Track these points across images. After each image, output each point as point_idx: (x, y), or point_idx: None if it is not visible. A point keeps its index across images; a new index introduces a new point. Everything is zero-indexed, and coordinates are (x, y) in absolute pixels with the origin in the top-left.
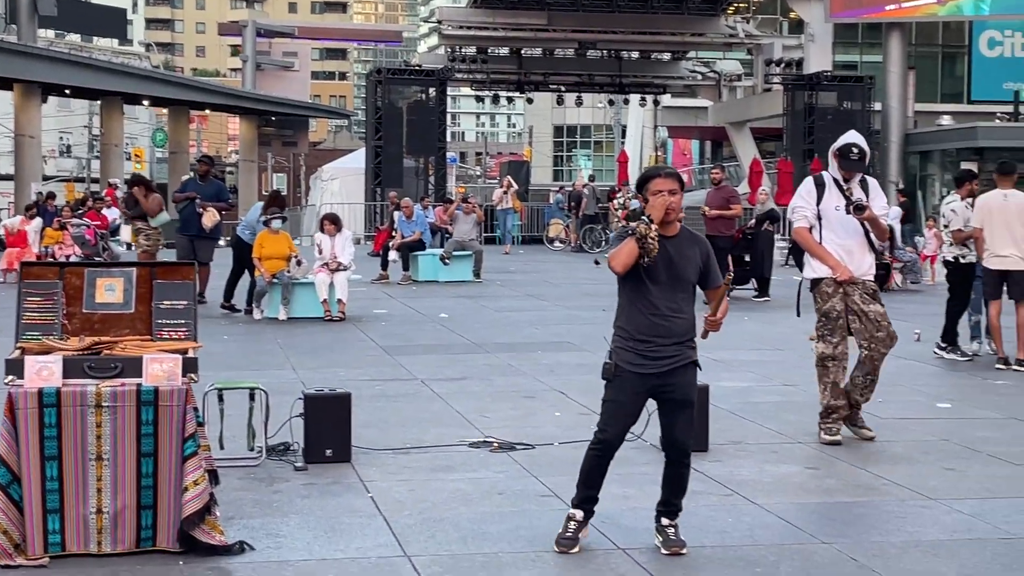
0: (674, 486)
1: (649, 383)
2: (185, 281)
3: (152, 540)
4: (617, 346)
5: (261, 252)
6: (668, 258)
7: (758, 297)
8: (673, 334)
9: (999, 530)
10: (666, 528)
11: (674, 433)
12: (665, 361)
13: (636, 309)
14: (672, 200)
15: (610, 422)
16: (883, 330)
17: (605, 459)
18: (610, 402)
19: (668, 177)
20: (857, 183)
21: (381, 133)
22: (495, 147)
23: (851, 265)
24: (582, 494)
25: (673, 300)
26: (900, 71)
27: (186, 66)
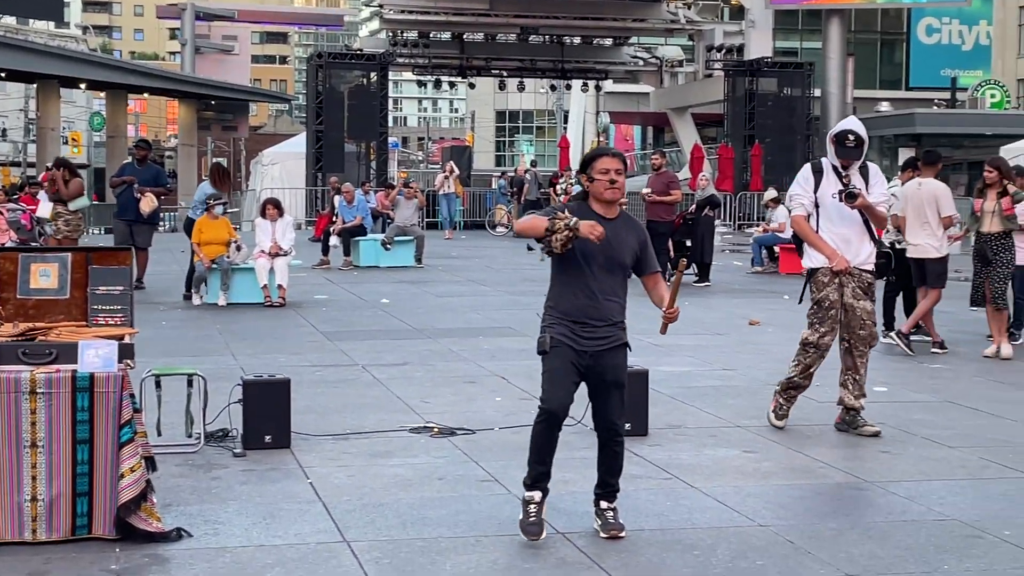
0: (609, 466)
1: (583, 360)
2: (122, 266)
3: (88, 528)
4: (550, 323)
5: (200, 237)
6: (606, 241)
7: (699, 283)
8: (606, 316)
9: (932, 512)
10: (605, 512)
11: (607, 415)
12: (598, 342)
13: (571, 291)
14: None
15: (552, 390)
16: (865, 328)
17: (553, 430)
18: (548, 371)
19: (615, 157)
20: (856, 170)
21: (322, 118)
22: (437, 132)
23: (848, 254)
24: (535, 471)
25: (607, 283)
26: (839, 58)
27: (124, 49)
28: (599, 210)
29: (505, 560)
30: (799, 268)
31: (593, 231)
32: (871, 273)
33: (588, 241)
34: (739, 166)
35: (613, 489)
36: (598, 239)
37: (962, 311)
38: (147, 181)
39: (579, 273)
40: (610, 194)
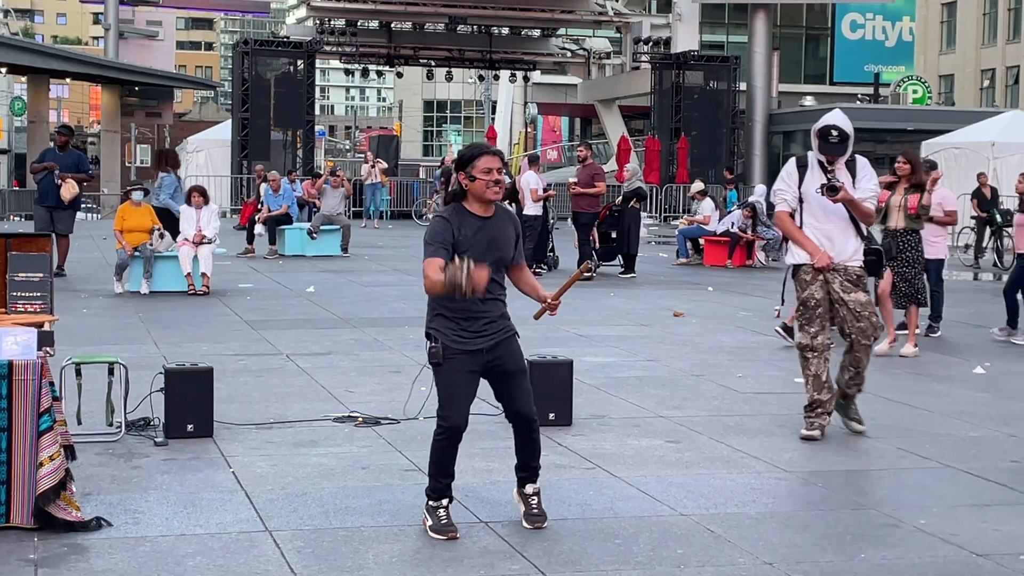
0: (527, 451)
1: (480, 360)
2: (41, 253)
3: (6, 517)
4: (439, 327)
5: (123, 225)
6: (490, 239)
7: (624, 274)
8: (492, 311)
9: (851, 501)
10: (530, 498)
11: (517, 403)
12: (490, 337)
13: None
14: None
15: (451, 406)
16: (863, 320)
17: (454, 444)
18: (446, 386)
19: (495, 155)
20: (843, 164)
21: (248, 105)
22: (365, 121)
23: (832, 251)
24: (439, 484)
25: (494, 279)
26: (765, 52)
27: (46, 33)
28: (477, 210)
29: (428, 550)
30: (723, 261)
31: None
32: (859, 268)
33: (475, 245)
34: (665, 158)
35: (536, 469)
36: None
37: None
38: (68, 167)
39: None
40: (492, 194)
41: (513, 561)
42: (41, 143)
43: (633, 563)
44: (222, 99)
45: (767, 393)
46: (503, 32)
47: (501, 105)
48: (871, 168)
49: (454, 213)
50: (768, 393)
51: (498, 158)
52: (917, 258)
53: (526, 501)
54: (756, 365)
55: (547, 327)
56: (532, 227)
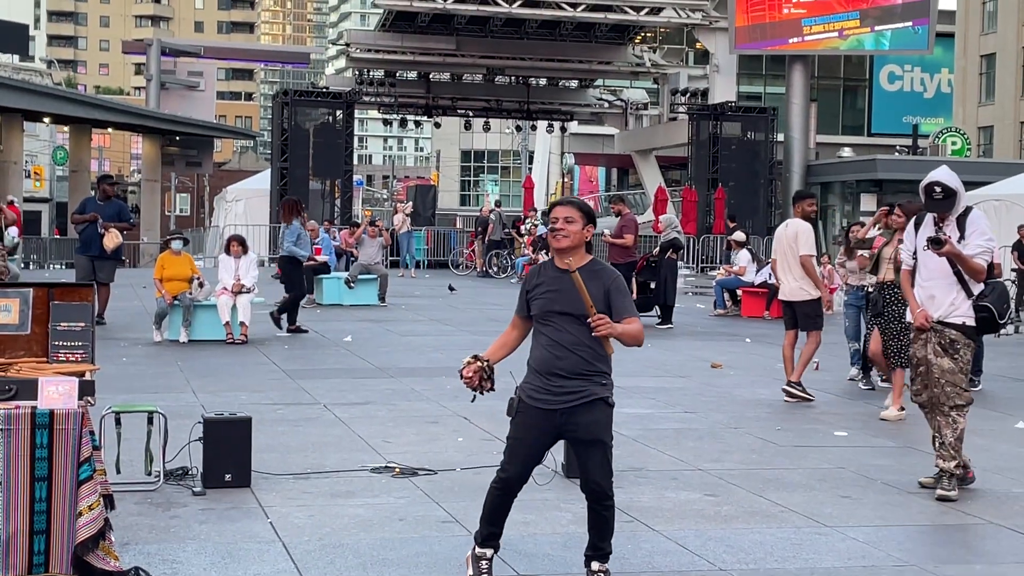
0: (598, 530)
1: (553, 420)
2: (83, 302)
3: (45, 566)
4: (525, 380)
5: (163, 273)
6: (557, 291)
7: (661, 324)
8: (574, 368)
9: (892, 557)
10: (596, 574)
11: (588, 475)
12: (568, 397)
13: (538, 343)
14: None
15: (512, 460)
16: (939, 387)
17: (507, 498)
18: (512, 439)
19: (566, 205)
20: (954, 220)
21: (287, 155)
22: (402, 171)
23: (931, 308)
24: (486, 531)
25: (572, 333)
26: (802, 103)
27: (89, 83)
28: (557, 261)
29: None
30: (760, 312)
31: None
32: (960, 328)
33: (546, 295)
34: (702, 209)
35: (604, 553)
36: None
37: None
38: (110, 217)
39: (543, 325)
40: (555, 242)
41: None
42: (82, 192)
43: None
44: (261, 149)
45: (806, 446)
46: (541, 83)
47: (538, 155)
48: (984, 222)
49: (539, 268)
50: (807, 446)
51: (569, 207)
52: (901, 314)
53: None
54: (795, 418)
55: None
56: None
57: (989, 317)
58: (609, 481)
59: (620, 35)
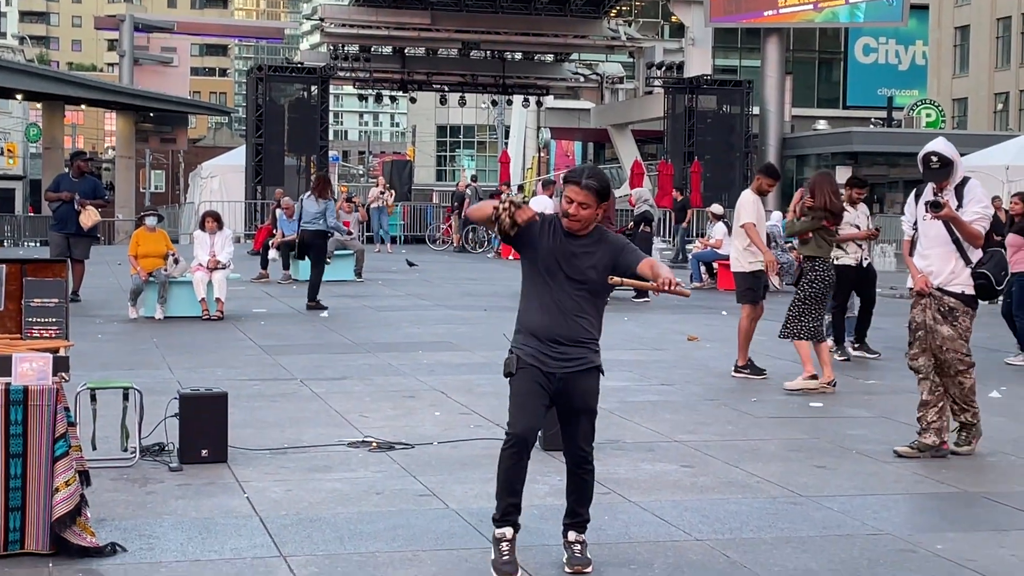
0: (579, 495)
1: (552, 383)
2: (57, 279)
3: (21, 543)
4: (518, 343)
5: (137, 250)
6: (568, 255)
7: (637, 298)
8: (574, 335)
9: (867, 526)
10: (572, 544)
11: (574, 440)
12: (567, 363)
13: (536, 306)
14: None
15: (519, 414)
16: (943, 353)
17: (522, 457)
18: (515, 395)
19: (584, 190)
20: (951, 189)
21: (262, 131)
22: (378, 146)
23: (931, 275)
24: (505, 504)
25: (575, 299)
26: (778, 76)
27: (62, 60)
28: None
29: (442, 574)
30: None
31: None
32: (959, 297)
33: (551, 253)
34: (679, 183)
35: (582, 520)
36: (524, 222)
37: (896, 327)
38: (85, 193)
39: (544, 288)
40: (566, 223)
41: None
42: (56, 169)
43: None
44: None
45: (782, 418)
46: (516, 57)
47: (514, 130)
48: (981, 190)
49: (554, 220)
50: (783, 418)
51: (587, 193)
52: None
53: (569, 548)
54: (771, 390)
55: None
56: None
57: (987, 284)
58: (592, 447)
59: (595, 8)
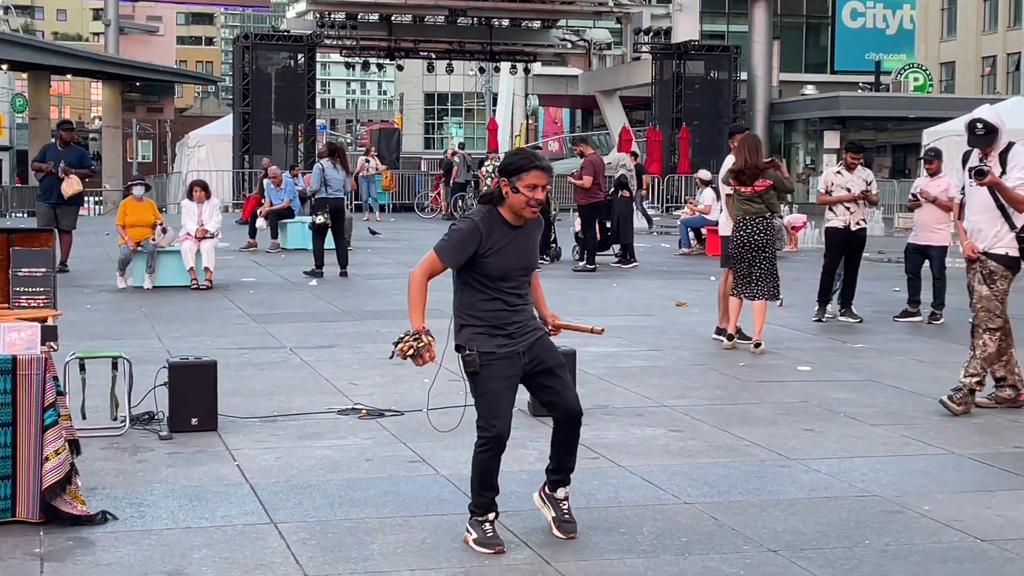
0: (567, 451)
1: (518, 364)
2: (44, 248)
3: (11, 511)
4: (474, 334)
5: (125, 220)
6: (519, 248)
7: (626, 264)
8: (525, 318)
9: (855, 488)
10: (561, 503)
11: (565, 399)
12: (524, 337)
13: (487, 298)
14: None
15: (496, 415)
16: (976, 313)
17: (498, 454)
18: (486, 394)
19: (546, 171)
20: (996, 155)
21: (249, 99)
22: (366, 115)
23: (976, 240)
24: (484, 499)
25: (523, 288)
26: (765, 41)
27: (47, 30)
28: (510, 219)
29: (432, 540)
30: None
31: (420, 362)
32: (1002, 259)
33: (507, 256)
34: (667, 148)
35: (570, 472)
36: (426, 359)
37: (883, 290)
38: (71, 163)
39: (499, 282)
40: (530, 212)
41: (518, 551)
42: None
43: (638, 551)
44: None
45: (771, 381)
46: (503, 24)
47: (502, 97)
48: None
49: (488, 220)
50: (771, 382)
51: (547, 174)
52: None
53: (557, 506)
54: (758, 354)
55: None
56: None
57: None
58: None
59: None
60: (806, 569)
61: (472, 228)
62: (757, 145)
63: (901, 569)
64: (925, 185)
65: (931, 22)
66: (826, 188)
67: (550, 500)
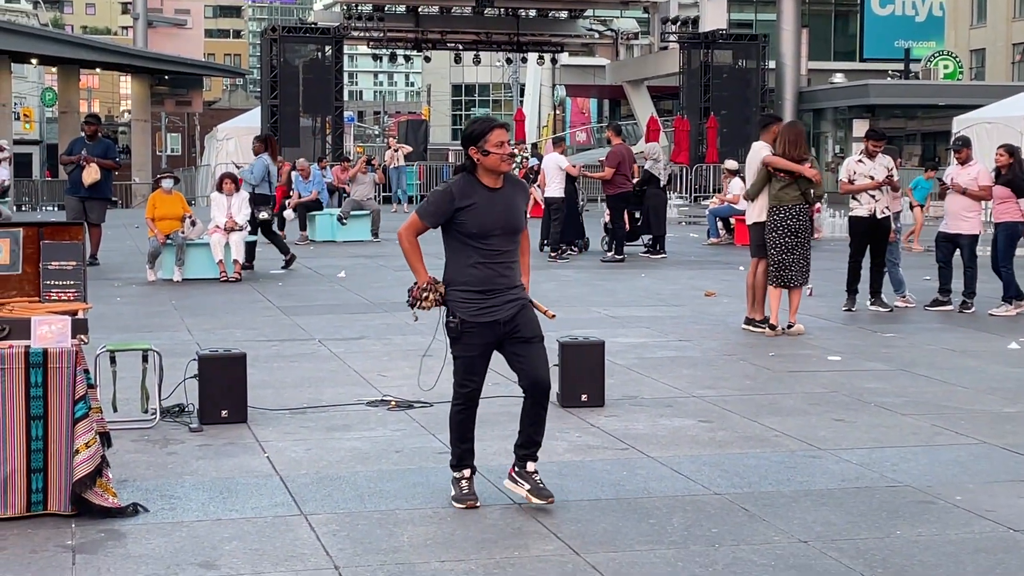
0: (536, 424)
1: (497, 331)
2: (74, 242)
3: (43, 504)
4: (456, 300)
5: (154, 213)
6: (501, 207)
7: (655, 254)
8: (511, 282)
9: (885, 478)
10: (533, 475)
11: (536, 371)
12: (507, 306)
13: (472, 261)
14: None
15: (471, 375)
16: None
17: (473, 410)
18: (463, 358)
19: (504, 128)
20: None
21: (277, 92)
22: (393, 106)
23: None
24: (460, 450)
25: (508, 250)
26: (793, 29)
27: (76, 24)
28: (488, 181)
29: (462, 531)
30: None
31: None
32: None
33: (486, 214)
34: (695, 138)
35: (537, 448)
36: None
37: (913, 280)
38: (98, 155)
39: (479, 242)
40: (507, 166)
41: (547, 542)
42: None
43: (667, 542)
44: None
45: (800, 372)
46: (530, 14)
47: (529, 88)
48: None
49: (462, 183)
50: (801, 372)
51: (506, 131)
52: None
53: (530, 478)
54: (789, 344)
55: (578, 308)
56: (558, 208)
57: None
58: (549, 375)
59: None
60: (837, 560)
61: (445, 190)
62: (798, 137)
63: (933, 560)
64: (955, 174)
65: (961, 9)
66: (848, 177)
67: (522, 476)
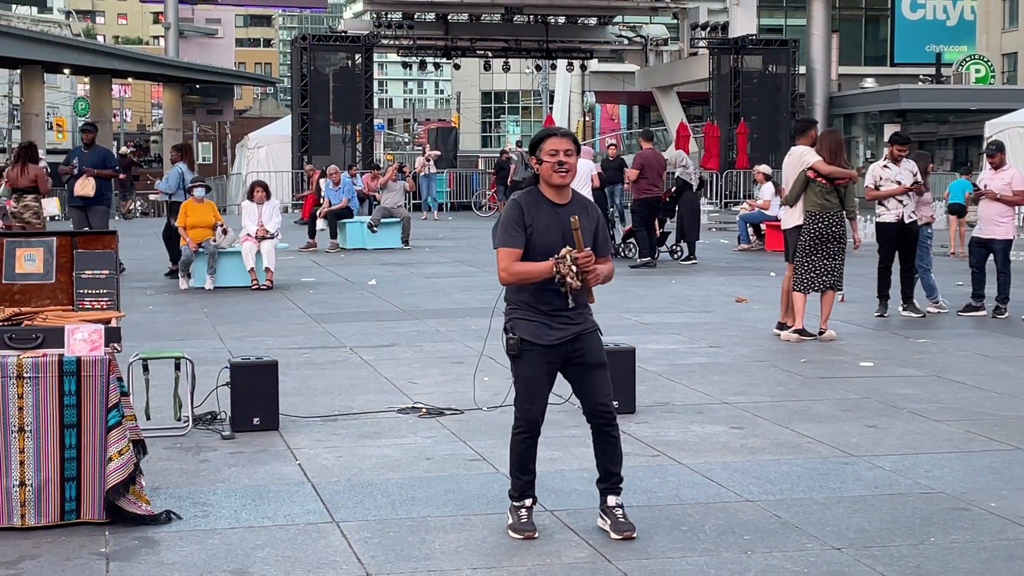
0: (610, 456)
1: (559, 352)
2: (107, 250)
3: (77, 512)
4: (518, 318)
5: (186, 221)
6: (564, 228)
7: (686, 260)
8: (576, 303)
9: (919, 485)
10: (613, 509)
11: (597, 398)
12: (571, 328)
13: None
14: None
15: (529, 400)
16: None
17: (534, 438)
18: (524, 379)
19: (564, 137)
20: None
21: (307, 100)
22: (423, 114)
23: None
24: (522, 482)
25: None
26: (824, 34)
27: (108, 34)
28: (550, 195)
29: (494, 539)
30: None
31: (588, 262)
32: None
33: (549, 234)
34: (725, 144)
35: (618, 480)
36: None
37: (944, 284)
38: (95, 164)
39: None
40: (559, 178)
41: (579, 549)
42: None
43: (699, 550)
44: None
45: (832, 378)
46: (559, 21)
47: (559, 94)
48: None
49: (528, 197)
50: (833, 378)
51: (567, 139)
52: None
53: (611, 513)
54: (820, 350)
55: (609, 315)
56: None
57: None
58: (613, 402)
59: None
60: (871, 567)
61: (512, 205)
62: (839, 144)
63: (967, 567)
64: (989, 179)
65: (992, 12)
66: (874, 183)
67: (603, 511)
